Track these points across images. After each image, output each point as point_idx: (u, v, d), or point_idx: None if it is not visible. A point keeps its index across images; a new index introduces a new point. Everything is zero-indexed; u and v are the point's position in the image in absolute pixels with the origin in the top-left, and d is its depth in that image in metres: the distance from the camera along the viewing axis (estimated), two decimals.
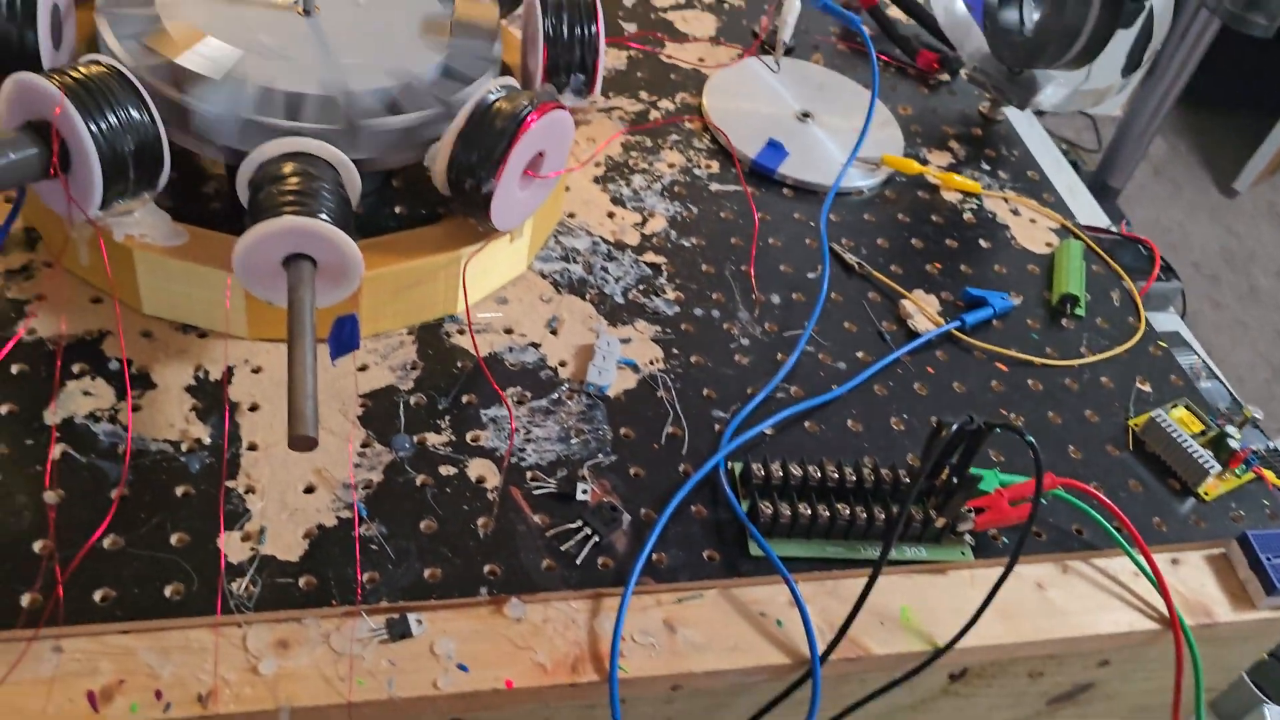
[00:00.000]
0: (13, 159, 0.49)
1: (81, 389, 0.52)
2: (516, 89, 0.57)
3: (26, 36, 0.56)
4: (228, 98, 0.55)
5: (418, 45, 0.62)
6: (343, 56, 0.60)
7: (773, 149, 0.77)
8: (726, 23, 0.90)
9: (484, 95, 0.56)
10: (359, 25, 0.62)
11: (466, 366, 0.58)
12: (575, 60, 0.64)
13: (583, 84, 0.65)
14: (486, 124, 0.55)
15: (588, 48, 0.64)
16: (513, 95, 0.56)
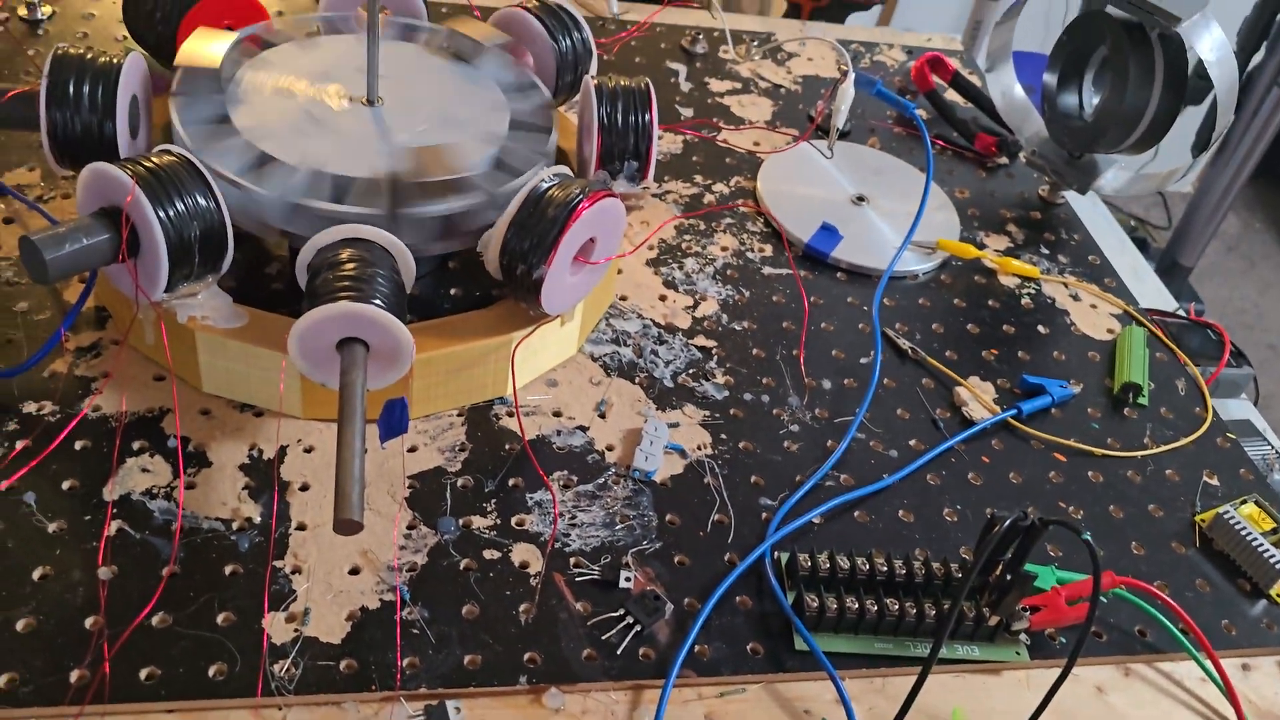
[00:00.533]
0: (86, 244, 0.51)
1: (140, 466, 0.53)
2: (569, 177, 0.59)
3: (105, 127, 0.59)
4: (279, 182, 0.57)
5: (473, 137, 0.63)
6: (397, 146, 0.61)
7: (826, 233, 0.77)
8: (782, 107, 0.91)
9: (537, 183, 0.57)
10: (420, 116, 0.64)
11: (514, 449, 0.58)
12: (629, 147, 0.65)
13: (636, 171, 0.66)
14: (539, 211, 0.56)
15: (641, 135, 0.65)
16: (565, 183, 0.57)
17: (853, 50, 1.01)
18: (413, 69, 0.68)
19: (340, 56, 0.68)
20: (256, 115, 0.61)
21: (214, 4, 0.66)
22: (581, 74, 0.73)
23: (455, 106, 0.65)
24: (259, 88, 0.63)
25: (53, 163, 0.60)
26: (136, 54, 0.61)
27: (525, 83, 0.68)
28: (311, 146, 0.59)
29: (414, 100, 0.65)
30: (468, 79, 0.68)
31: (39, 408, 0.55)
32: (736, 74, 0.94)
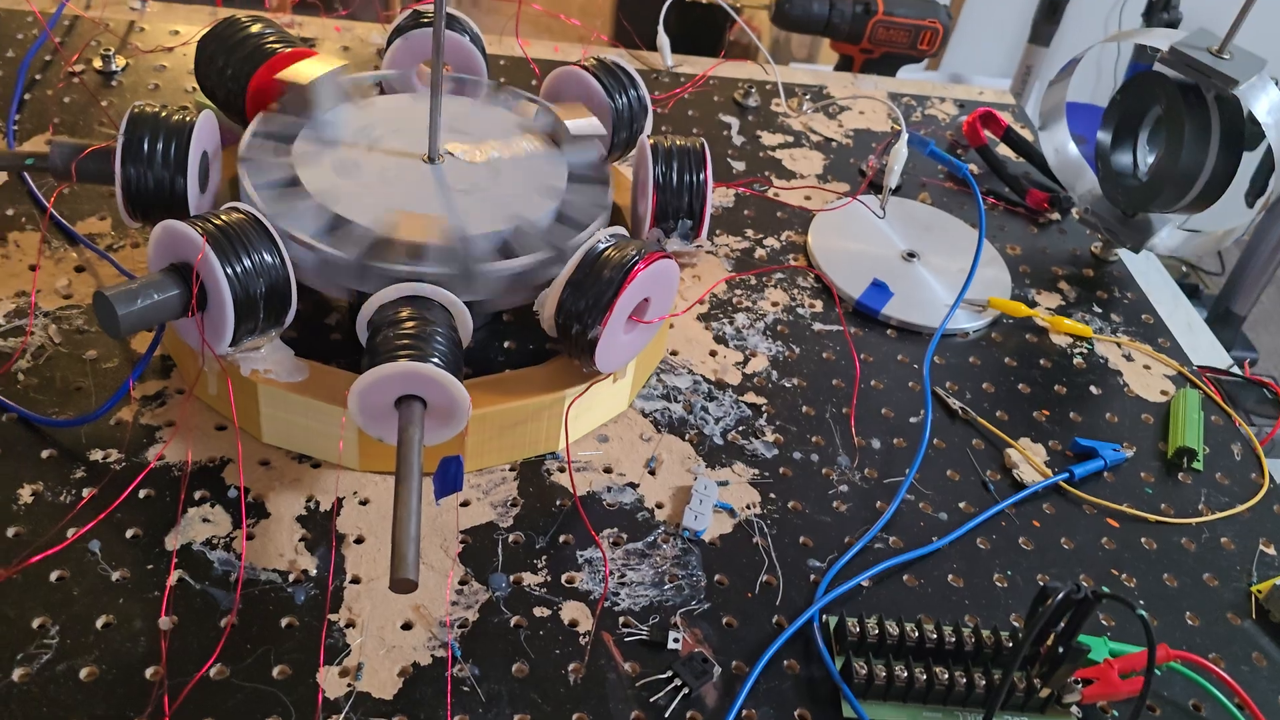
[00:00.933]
0: (156, 300, 0.53)
1: (201, 516, 0.55)
2: (625, 237, 0.59)
3: (177, 183, 0.60)
4: (353, 244, 0.58)
5: (534, 192, 0.65)
6: (462, 203, 0.63)
7: (877, 289, 0.77)
8: (834, 161, 0.92)
9: (594, 244, 0.58)
10: (479, 173, 0.65)
11: (565, 505, 0.59)
12: (684, 206, 0.66)
13: (690, 229, 0.67)
14: (595, 272, 0.57)
15: (696, 195, 0.66)
16: (621, 244, 0.58)
17: (904, 104, 1.02)
18: (470, 124, 0.70)
19: (401, 114, 0.69)
20: (324, 176, 0.62)
21: (281, 62, 0.68)
22: (637, 131, 0.74)
23: (513, 160, 0.67)
24: (326, 145, 0.65)
25: (125, 216, 0.62)
26: (208, 112, 0.63)
27: (584, 138, 0.70)
28: (381, 207, 0.61)
29: (473, 156, 0.67)
30: (524, 133, 0.69)
31: (105, 455, 0.57)
32: (788, 127, 0.95)
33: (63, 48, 0.85)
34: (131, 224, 0.63)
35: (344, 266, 0.59)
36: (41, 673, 0.47)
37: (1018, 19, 2.35)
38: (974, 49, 2.34)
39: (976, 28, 2.30)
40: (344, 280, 0.59)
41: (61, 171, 0.62)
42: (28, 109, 0.79)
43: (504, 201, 0.63)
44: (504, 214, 0.62)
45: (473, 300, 0.60)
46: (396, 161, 0.65)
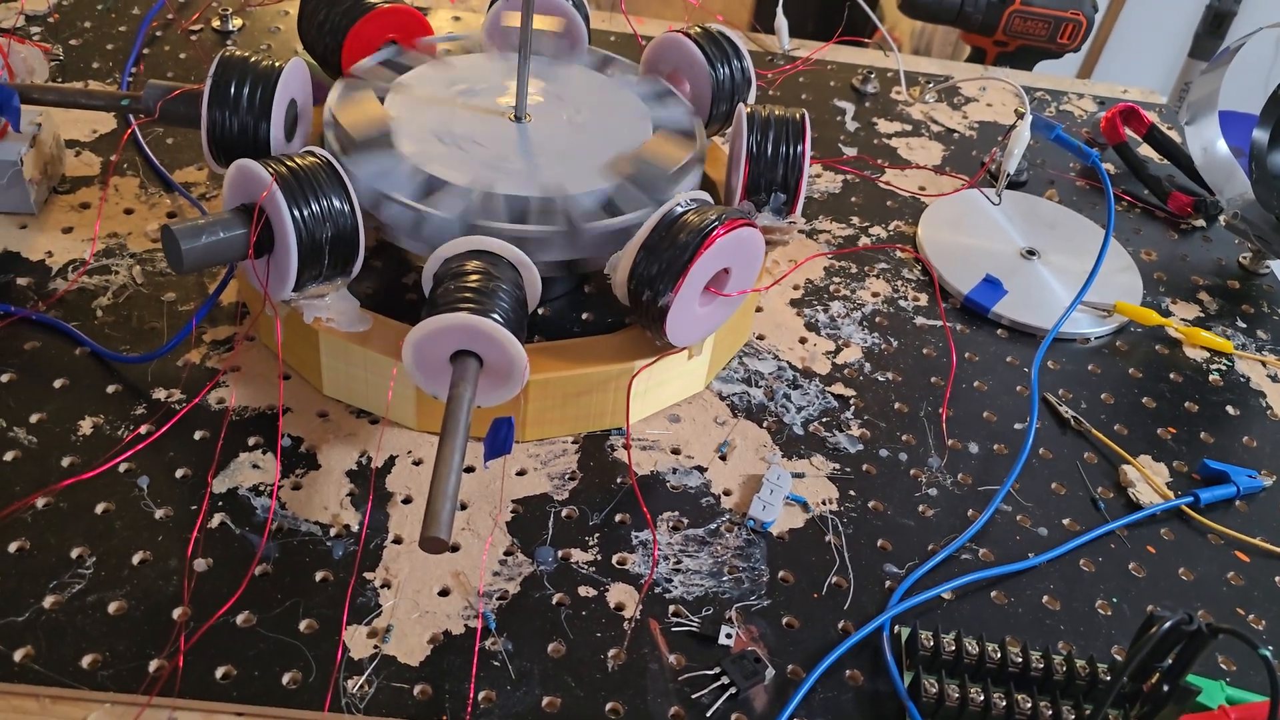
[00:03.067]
0: (221, 237, 0.52)
1: (251, 461, 0.53)
2: (707, 201, 0.56)
3: (261, 128, 0.60)
4: (451, 204, 0.56)
5: (624, 148, 0.62)
6: (555, 161, 0.60)
7: (989, 285, 0.71)
8: (954, 152, 0.86)
9: (672, 207, 0.54)
10: (567, 130, 0.63)
11: (626, 484, 0.55)
12: (777, 179, 0.62)
13: (783, 203, 0.62)
14: (670, 236, 0.53)
15: (791, 167, 0.62)
16: (702, 209, 0.54)
17: (1037, 98, 0.95)
18: (557, 83, 0.67)
19: (490, 72, 0.67)
20: (416, 134, 0.61)
21: (379, 17, 0.67)
22: (733, 102, 0.71)
23: (598, 116, 0.64)
24: (414, 104, 0.63)
25: (210, 161, 0.61)
26: (298, 59, 0.62)
27: (663, 91, 0.67)
28: (476, 166, 0.59)
29: (562, 115, 0.64)
30: (611, 92, 0.67)
31: (168, 395, 0.56)
32: (908, 116, 0.90)
33: (184, 8, 0.87)
34: (216, 168, 0.62)
35: (448, 227, 0.56)
36: (71, 602, 0.46)
37: (1179, 31, 2.21)
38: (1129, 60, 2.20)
39: (1133, 37, 2.16)
40: (440, 241, 0.57)
41: (152, 110, 0.62)
42: (145, 64, 0.80)
43: (596, 159, 0.61)
44: (599, 170, 0.60)
45: (575, 258, 0.57)
46: (485, 119, 0.63)
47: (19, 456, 0.52)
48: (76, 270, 0.63)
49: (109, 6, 0.85)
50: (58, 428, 0.53)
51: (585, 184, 0.59)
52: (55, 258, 0.63)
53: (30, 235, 0.65)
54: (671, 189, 0.60)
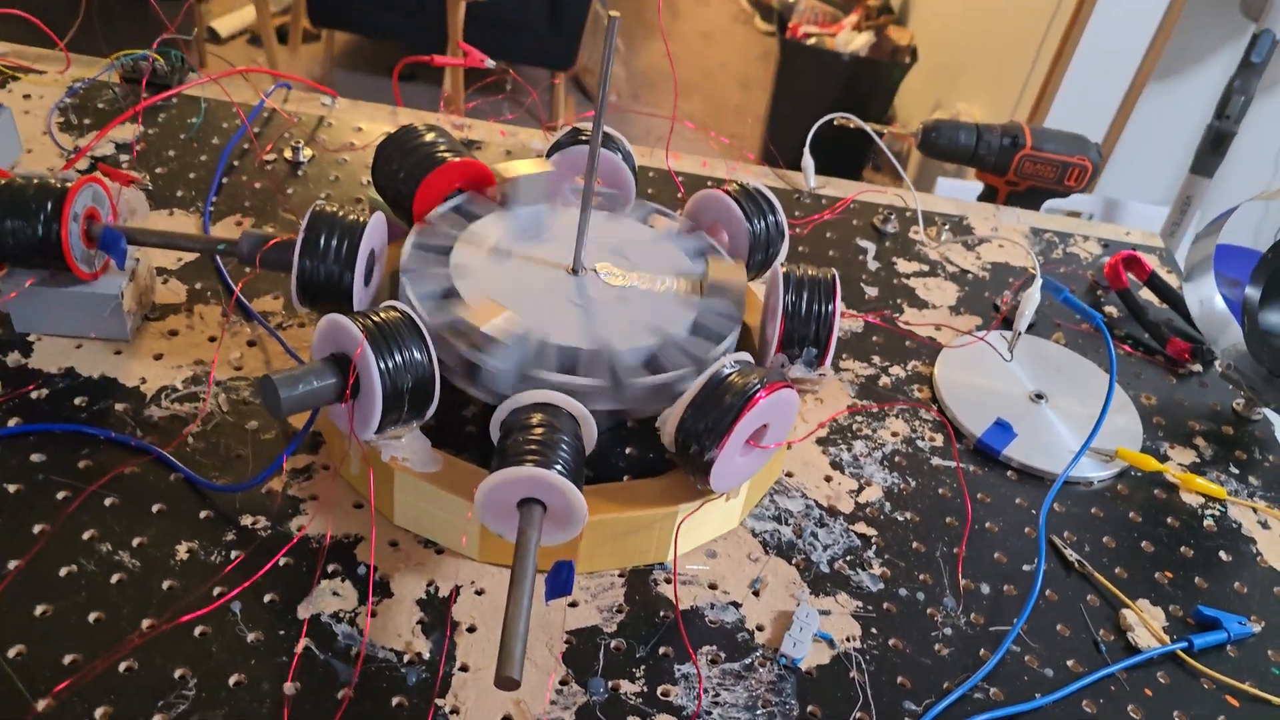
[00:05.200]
0: (315, 386, 0.58)
1: (332, 589, 0.59)
2: (750, 364, 0.62)
3: (345, 277, 0.66)
4: (511, 354, 0.63)
5: (673, 305, 0.68)
6: (606, 316, 0.67)
7: (1000, 429, 0.77)
8: (968, 294, 0.93)
9: (719, 369, 0.60)
10: (621, 286, 0.69)
11: (668, 617, 0.61)
12: (810, 335, 0.68)
13: (814, 357, 0.69)
14: (717, 396, 0.59)
15: (823, 325, 0.68)
16: (745, 371, 0.60)
17: (1046, 240, 1.02)
18: (615, 238, 0.74)
19: (551, 225, 0.74)
20: (479, 286, 0.67)
21: (449, 169, 0.74)
22: (773, 254, 0.77)
23: (650, 271, 0.71)
24: (479, 256, 0.69)
25: (296, 302, 0.68)
26: (380, 214, 0.69)
27: (712, 248, 0.74)
28: (533, 318, 0.65)
29: (615, 270, 0.71)
30: (664, 248, 0.74)
31: (254, 522, 0.62)
32: (925, 255, 0.96)
33: (258, 138, 0.94)
34: (300, 309, 0.69)
35: (498, 375, 0.63)
36: None
37: (1181, 147, 2.30)
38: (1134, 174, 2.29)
39: (1137, 152, 2.26)
40: (497, 387, 0.63)
41: (247, 258, 0.69)
42: (224, 192, 0.87)
43: (645, 315, 0.67)
44: (647, 328, 0.66)
45: (617, 409, 0.63)
46: (544, 271, 0.70)
47: (124, 579, 0.57)
48: (168, 397, 0.69)
49: (191, 135, 0.92)
50: (158, 552, 0.59)
51: (630, 340, 0.65)
52: (149, 384, 0.69)
53: (125, 361, 0.71)
54: (714, 349, 0.66)
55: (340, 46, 3.01)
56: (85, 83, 0.95)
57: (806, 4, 2.96)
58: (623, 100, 3.17)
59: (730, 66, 3.54)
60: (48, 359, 0.70)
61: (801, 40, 2.77)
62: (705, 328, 0.67)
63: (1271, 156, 2.26)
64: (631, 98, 3.20)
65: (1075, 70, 2.12)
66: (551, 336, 0.64)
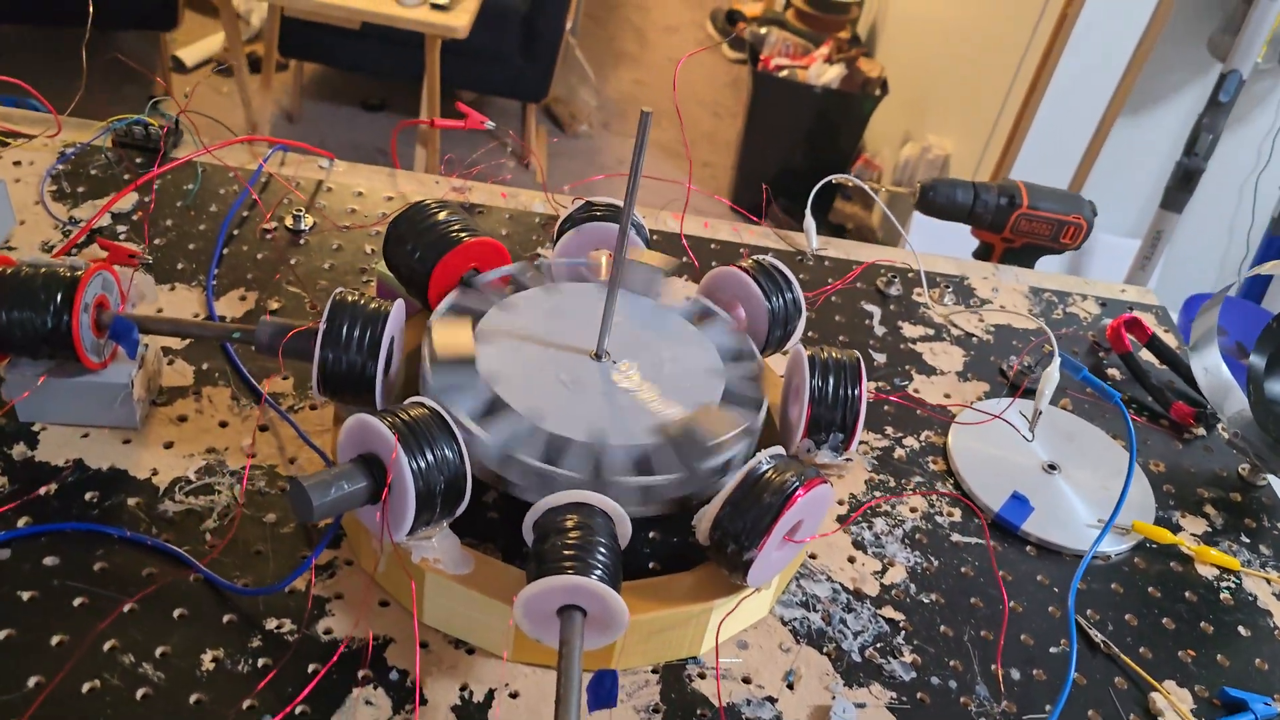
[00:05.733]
0: (348, 490, 0.57)
1: (364, 697, 0.57)
2: (784, 458, 0.61)
3: (368, 367, 0.65)
4: (508, 432, 0.62)
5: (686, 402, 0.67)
6: (613, 407, 0.65)
7: (1017, 503, 0.77)
8: (974, 358, 0.93)
9: (755, 465, 0.60)
10: (639, 375, 0.68)
11: (706, 716, 0.60)
12: (837, 420, 0.68)
13: (840, 442, 0.68)
14: (754, 495, 0.59)
15: (850, 409, 0.68)
16: (780, 466, 0.60)
17: (1045, 299, 1.03)
18: (638, 323, 0.73)
19: (572, 305, 0.73)
20: (496, 359, 0.66)
21: (466, 250, 0.73)
22: (790, 330, 0.77)
23: (674, 368, 0.70)
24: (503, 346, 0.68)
25: (316, 393, 0.66)
26: (400, 302, 0.68)
27: (744, 351, 0.72)
28: (537, 398, 0.64)
29: (636, 358, 0.70)
30: (687, 338, 0.73)
31: (279, 625, 0.60)
32: (929, 319, 0.97)
33: (258, 203, 0.93)
34: (319, 398, 0.67)
35: (491, 451, 0.62)
36: None
37: (1150, 181, 2.35)
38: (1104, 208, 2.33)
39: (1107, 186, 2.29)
40: (490, 464, 0.63)
41: (266, 348, 0.67)
42: (225, 263, 0.86)
43: (655, 409, 0.66)
44: (650, 425, 0.65)
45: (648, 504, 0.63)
46: (566, 360, 0.69)
47: (150, 694, 0.55)
48: (182, 489, 0.67)
49: (188, 203, 0.90)
50: (183, 662, 0.57)
51: (627, 436, 0.63)
52: (160, 475, 0.68)
53: (134, 451, 0.69)
54: (710, 459, 0.64)
55: (309, 75, 2.98)
56: (77, 148, 0.93)
57: (778, 36, 2.98)
58: (594, 129, 3.17)
59: (699, 94, 3.56)
60: (54, 450, 0.68)
61: (774, 72, 2.79)
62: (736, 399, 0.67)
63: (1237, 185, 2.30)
64: (602, 126, 3.20)
65: (1048, 104, 2.15)
66: (547, 420, 0.63)
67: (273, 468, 0.70)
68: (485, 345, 0.68)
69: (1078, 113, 2.18)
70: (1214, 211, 2.26)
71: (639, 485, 0.62)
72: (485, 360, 0.67)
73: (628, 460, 0.63)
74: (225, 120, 0.97)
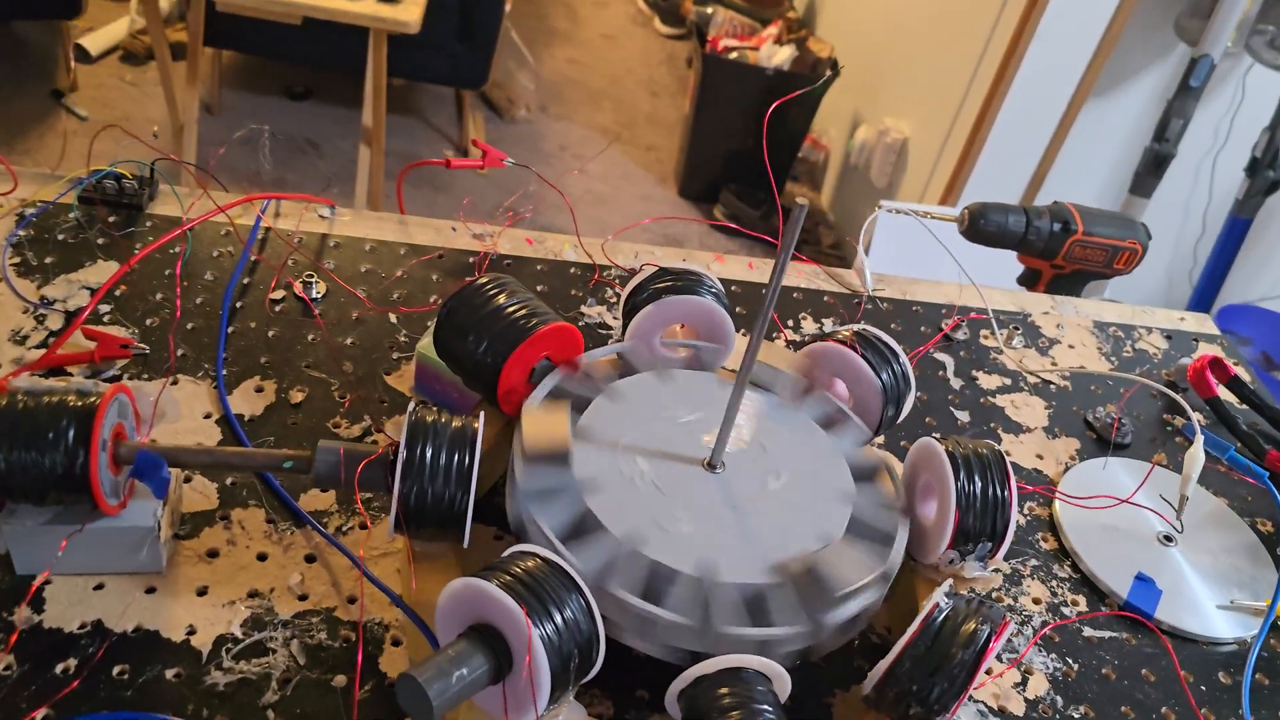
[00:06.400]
0: (469, 677, 0.47)
1: None
2: (959, 595, 0.54)
3: (459, 500, 0.55)
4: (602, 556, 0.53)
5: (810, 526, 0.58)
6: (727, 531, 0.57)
7: (1144, 585, 0.71)
8: (1056, 409, 0.87)
9: (932, 610, 0.52)
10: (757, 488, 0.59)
11: None
12: (987, 528, 0.60)
13: (987, 551, 0.61)
14: (942, 648, 0.51)
15: (1001, 514, 0.60)
16: (960, 608, 0.52)
17: (1111, 335, 0.97)
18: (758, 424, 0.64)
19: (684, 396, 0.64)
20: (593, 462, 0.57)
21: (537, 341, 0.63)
22: (901, 409, 0.69)
23: (797, 486, 0.61)
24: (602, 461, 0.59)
25: (392, 532, 0.56)
26: (482, 414, 0.57)
27: (873, 466, 0.63)
28: (637, 516, 0.55)
29: (754, 470, 0.61)
30: (813, 447, 0.63)
31: None
32: (1003, 366, 0.90)
33: (256, 270, 0.80)
34: (393, 535, 0.57)
35: (584, 576, 0.52)
36: None
37: (1113, 165, 2.33)
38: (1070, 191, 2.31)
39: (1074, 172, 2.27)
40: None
41: (325, 481, 0.56)
42: (232, 345, 0.73)
43: (773, 534, 0.57)
44: (767, 555, 0.56)
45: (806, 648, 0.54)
46: (671, 464, 0.59)
47: None
48: (229, 653, 0.56)
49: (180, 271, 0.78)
50: None
51: (739, 572, 0.54)
52: (200, 635, 0.56)
53: (162, 604, 0.58)
54: (838, 611, 0.55)
55: (227, 62, 2.77)
56: (39, 209, 0.79)
57: (724, 16, 2.88)
58: (532, 114, 3.04)
59: (635, 73, 3.44)
60: (66, 611, 0.56)
61: (723, 54, 2.69)
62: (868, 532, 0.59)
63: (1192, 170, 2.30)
64: (540, 110, 3.07)
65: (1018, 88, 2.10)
66: (649, 546, 0.54)
67: (331, 611, 0.59)
68: (583, 443, 0.58)
69: (1046, 96, 2.14)
70: (1170, 191, 2.24)
71: (755, 639, 0.53)
72: (582, 463, 0.57)
73: (739, 600, 0.54)
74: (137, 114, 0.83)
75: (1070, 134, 2.19)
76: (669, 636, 0.53)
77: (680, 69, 3.52)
